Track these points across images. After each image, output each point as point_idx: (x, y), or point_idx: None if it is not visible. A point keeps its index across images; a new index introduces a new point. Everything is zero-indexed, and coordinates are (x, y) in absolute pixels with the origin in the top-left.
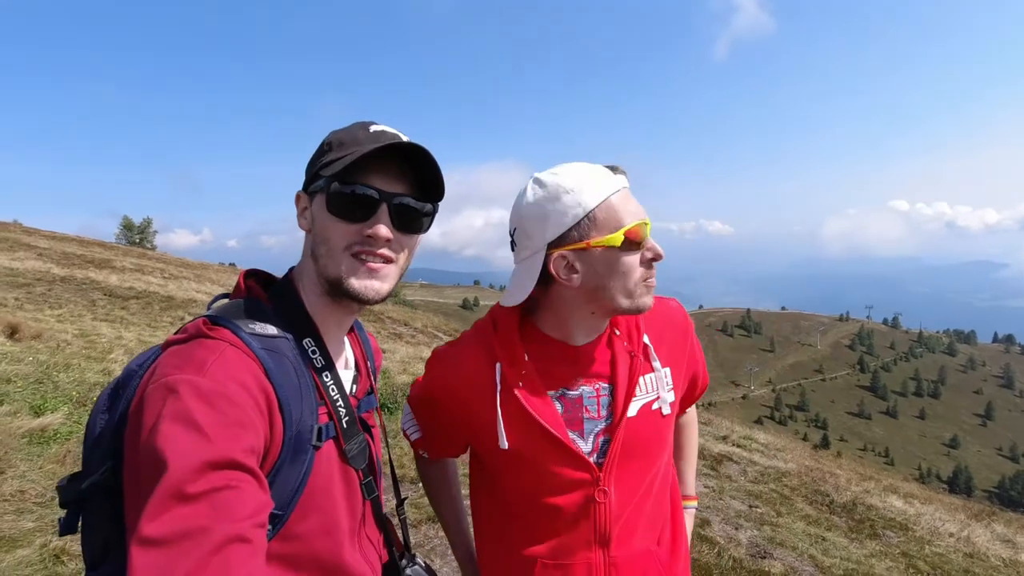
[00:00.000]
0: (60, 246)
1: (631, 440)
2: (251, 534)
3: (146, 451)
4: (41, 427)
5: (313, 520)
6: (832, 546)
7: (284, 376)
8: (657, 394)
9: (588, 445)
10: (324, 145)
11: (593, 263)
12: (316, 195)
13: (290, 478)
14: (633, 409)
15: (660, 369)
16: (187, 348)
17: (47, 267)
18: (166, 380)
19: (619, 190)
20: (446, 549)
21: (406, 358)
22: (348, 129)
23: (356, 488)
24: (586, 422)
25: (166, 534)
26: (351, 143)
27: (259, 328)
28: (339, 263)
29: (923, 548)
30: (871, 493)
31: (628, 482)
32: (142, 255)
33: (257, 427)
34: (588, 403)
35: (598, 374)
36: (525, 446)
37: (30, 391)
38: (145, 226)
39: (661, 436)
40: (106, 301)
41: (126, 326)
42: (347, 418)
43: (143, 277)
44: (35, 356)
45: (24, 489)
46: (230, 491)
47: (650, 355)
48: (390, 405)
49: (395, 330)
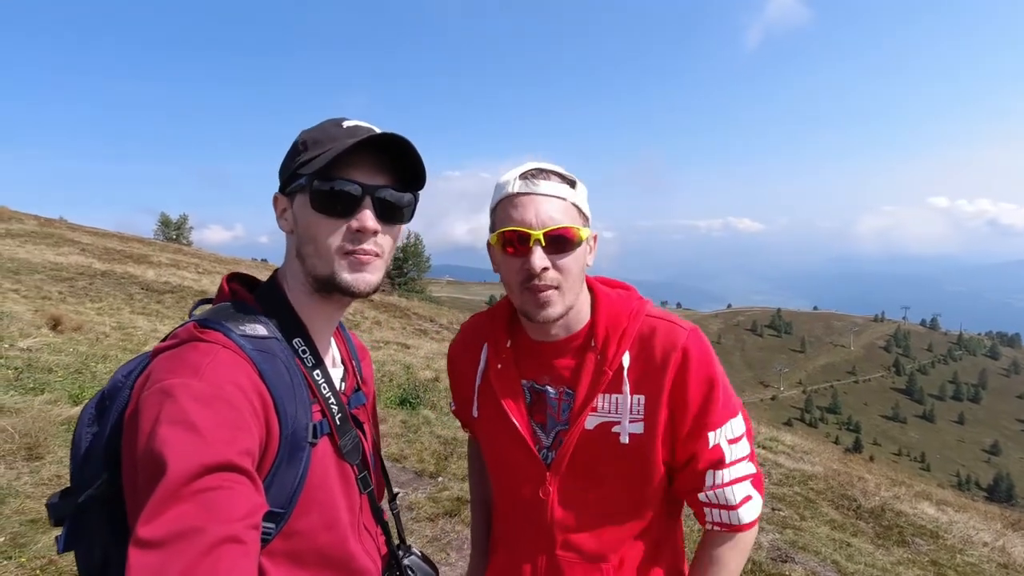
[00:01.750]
0: (102, 242)
1: (582, 451)
2: (245, 535)
3: (144, 455)
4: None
5: (315, 516)
6: (857, 552)
7: (277, 376)
8: (620, 419)
9: (548, 439)
10: (298, 145)
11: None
12: (297, 195)
13: (289, 476)
14: (591, 422)
15: (628, 394)
16: (180, 352)
17: (89, 262)
18: (162, 385)
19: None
20: (462, 543)
21: (431, 354)
22: (320, 127)
23: (352, 483)
24: (549, 418)
25: (162, 535)
26: (327, 140)
27: (249, 329)
28: (329, 260)
29: (954, 557)
30: (901, 499)
31: (575, 493)
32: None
33: (252, 429)
34: (551, 402)
35: (562, 377)
36: (492, 423)
37: (70, 380)
38: (182, 222)
39: (619, 464)
40: (143, 295)
41: (161, 319)
42: (340, 415)
43: (178, 272)
44: (75, 347)
45: (61, 474)
46: (225, 492)
47: (621, 376)
48: (412, 400)
49: (420, 326)
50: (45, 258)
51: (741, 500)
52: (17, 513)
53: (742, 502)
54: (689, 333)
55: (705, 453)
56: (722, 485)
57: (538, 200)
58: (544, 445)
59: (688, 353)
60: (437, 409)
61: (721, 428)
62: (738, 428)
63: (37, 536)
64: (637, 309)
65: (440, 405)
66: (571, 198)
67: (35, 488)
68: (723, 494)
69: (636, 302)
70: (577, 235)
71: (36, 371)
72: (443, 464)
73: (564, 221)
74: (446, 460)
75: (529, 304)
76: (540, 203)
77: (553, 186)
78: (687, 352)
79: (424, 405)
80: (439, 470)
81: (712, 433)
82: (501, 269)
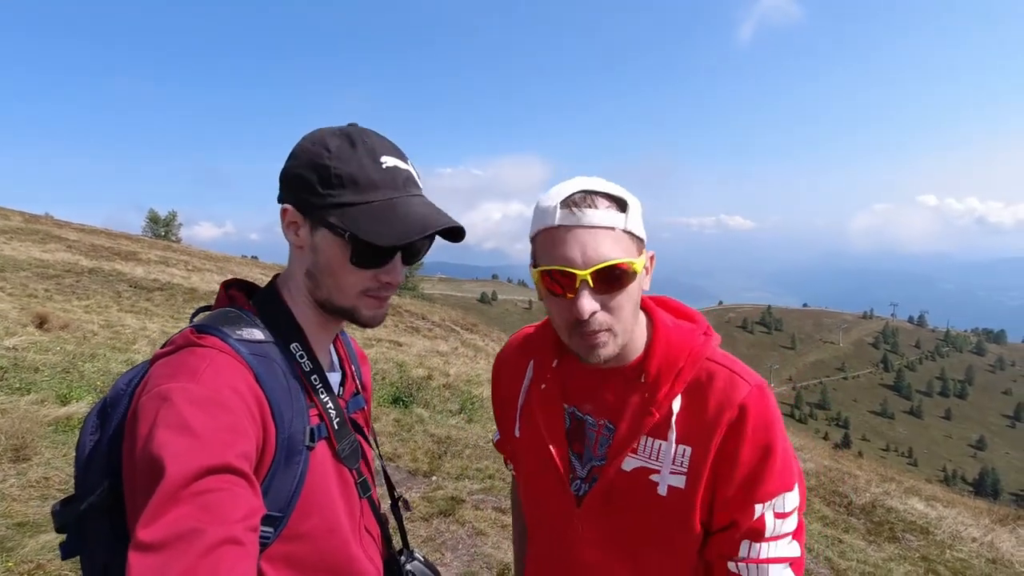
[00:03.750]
0: (89, 238)
1: (616, 495)
2: (244, 537)
3: (142, 459)
4: (67, 415)
5: (315, 519)
6: (849, 548)
7: (274, 380)
8: (660, 467)
9: (583, 471)
10: (329, 172)
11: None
12: (323, 229)
13: (286, 480)
14: (628, 464)
15: (673, 443)
16: (178, 358)
17: (76, 259)
18: (159, 389)
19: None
20: (456, 543)
21: (422, 352)
22: (355, 159)
23: (352, 487)
24: (586, 449)
25: (161, 538)
26: (366, 185)
27: (246, 334)
28: (350, 297)
29: (944, 553)
30: (891, 495)
31: (605, 534)
32: (167, 247)
33: (249, 433)
34: (589, 433)
35: (605, 408)
36: (530, 446)
37: (57, 380)
38: (171, 219)
39: (652, 517)
40: (131, 292)
41: (150, 317)
42: (338, 419)
43: (167, 269)
44: (62, 346)
45: (49, 476)
46: (223, 494)
47: (669, 422)
48: (405, 399)
49: (413, 324)
50: (31, 255)
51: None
52: (3, 516)
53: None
54: (752, 389)
55: (746, 522)
56: (757, 561)
57: (583, 234)
58: (579, 476)
59: (746, 412)
60: (430, 407)
61: (772, 501)
62: (790, 503)
63: (25, 540)
64: (699, 350)
65: (433, 403)
66: (622, 225)
67: (22, 491)
68: (756, 571)
69: (700, 341)
70: (631, 268)
71: (22, 370)
72: (437, 463)
73: (614, 255)
74: (440, 459)
75: (579, 347)
76: (586, 237)
77: (600, 215)
78: (745, 411)
79: (417, 403)
80: (433, 469)
81: (763, 505)
82: (547, 306)
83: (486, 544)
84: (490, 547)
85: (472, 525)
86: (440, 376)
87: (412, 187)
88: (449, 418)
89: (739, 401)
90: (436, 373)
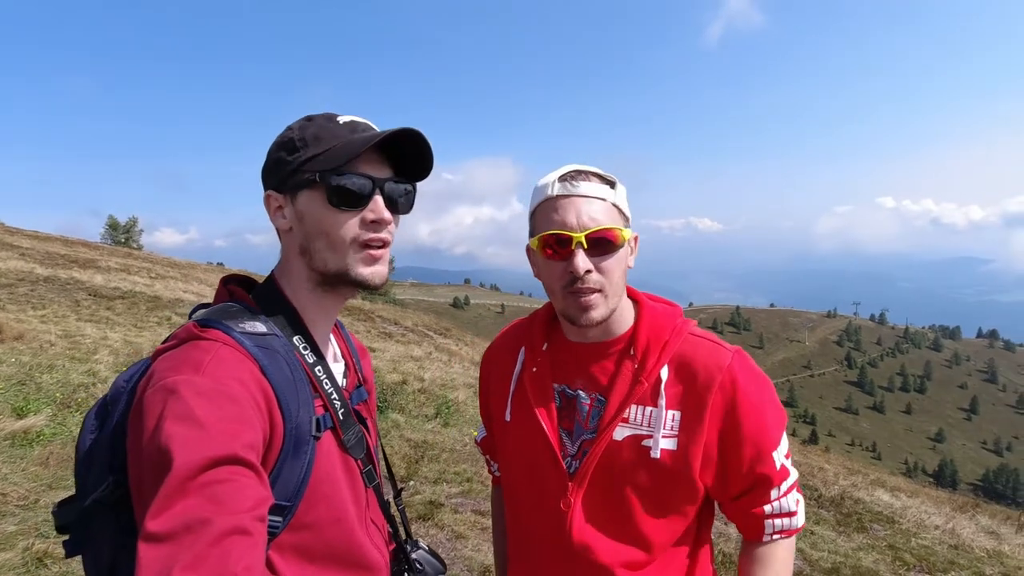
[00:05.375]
0: (43, 246)
1: (607, 463)
2: (252, 527)
3: (150, 452)
4: (24, 429)
5: (322, 509)
6: (820, 539)
7: (279, 371)
8: (652, 432)
9: (573, 448)
10: (294, 142)
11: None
12: (302, 191)
13: (294, 470)
14: (620, 434)
15: (663, 408)
16: (182, 351)
17: (30, 267)
18: (165, 382)
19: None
20: (436, 547)
21: (396, 357)
22: (315, 123)
23: (358, 477)
24: (576, 425)
25: (170, 528)
26: (329, 137)
27: (249, 327)
28: (343, 254)
29: (909, 541)
30: (859, 487)
31: (598, 506)
32: (128, 255)
33: (256, 423)
34: (580, 407)
35: (596, 383)
36: (521, 428)
37: (12, 392)
38: (131, 225)
39: (647, 478)
40: (91, 301)
41: (111, 326)
42: (343, 409)
43: (129, 277)
44: (17, 357)
45: (6, 492)
46: (231, 485)
47: (658, 389)
48: (380, 404)
49: (385, 329)
50: None
51: (796, 505)
52: None
53: (797, 506)
54: (734, 354)
55: (774, 474)
56: (782, 496)
57: (578, 202)
58: (569, 453)
59: (735, 376)
60: (406, 412)
61: (779, 447)
62: (786, 441)
63: None
64: (681, 326)
65: (409, 408)
66: (611, 199)
67: None
68: (785, 503)
69: (680, 319)
70: (619, 236)
71: None
72: (414, 468)
73: (606, 222)
74: (417, 463)
75: (572, 308)
76: (581, 205)
77: (593, 187)
78: (733, 374)
79: (392, 409)
80: (410, 474)
81: (775, 453)
82: (542, 273)
83: (466, 547)
84: (470, 550)
85: (451, 528)
86: (415, 381)
87: (372, 130)
88: (425, 423)
89: (726, 365)
90: (411, 378)
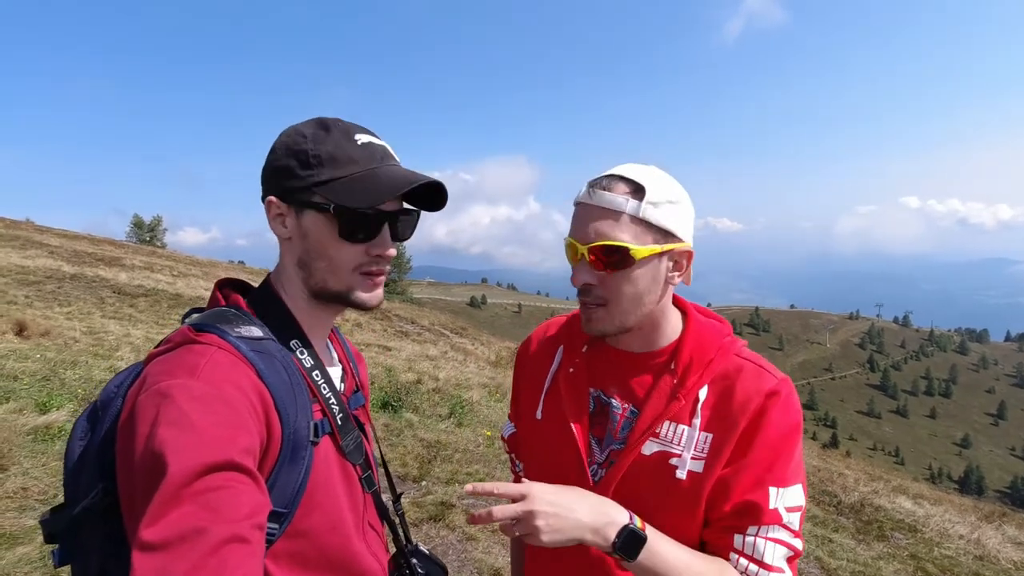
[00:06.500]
0: (71, 244)
1: (633, 477)
2: (249, 534)
3: (143, 458)
4: (46, 424)
5: (318, 516)
6: (839, 548)
7: (276, 376)
8: (681, 451)
9: (601, 456)
10: (307, 156)
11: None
12: (308, 211)
13: (292, 476)
14: (649, 448)
15: (696, 428)
16: (176, 355)
17: (58, 265)
18: (158, 387)
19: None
20: (447, 549)
21: (412, 356)
22: (331, 139)
23: (356, 483)
24: (607, 433)
25: (165, 537)
26: (345, 160)
27: (244, 331)
28: (343, 279)
29: (932, 550)
30: (879, 494)
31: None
32: (152, 253)
33: (252, 428)
34: (613, 416)
35: (631, 394)
36: (552, 428)
37: (36, 388)
38: (155, 224)
39: (669, 499)
40: (115, 299)
41: (134, 324)
42: (341, 414)
43: (152, 275)
44: (43, 353)
45: (27, 486)
46: (228, 492)
47: (695, 408)
48: (394, 403)
49: (402, 328)
50: (10, 261)
51: (776, 567)
52: None
53: (775, 569)
54: (779, 383)
55: (763, 510)
56: (764, 538)
57: (594, 212)
58: (596, 461)
59: (772, 402)
60: (420, 412)
61: (785, 489)
62: (799, 499)
63: (2, 553)
64: (727, 345)
65: (423, 408)
66: (637, 211)
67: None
68: (760, 547)
69: (728, 337)
70: (631, 252)
71: (0, 378)
72: (427, 468)
73: (614, 236)
74: (430, 464)
75: (582, 315)
76: (594, 216)
77: (611, 197)
78: (771, 401)
79: (407, 408)
80: (423, 474)
81: (774, 490)
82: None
83: (476, 549)
84: (481, 552)
85: (462, 530)
86: (430, 380)
87: (389, 159)
88: (439, 423)
89: (767, 390)
90: (425, 377)
